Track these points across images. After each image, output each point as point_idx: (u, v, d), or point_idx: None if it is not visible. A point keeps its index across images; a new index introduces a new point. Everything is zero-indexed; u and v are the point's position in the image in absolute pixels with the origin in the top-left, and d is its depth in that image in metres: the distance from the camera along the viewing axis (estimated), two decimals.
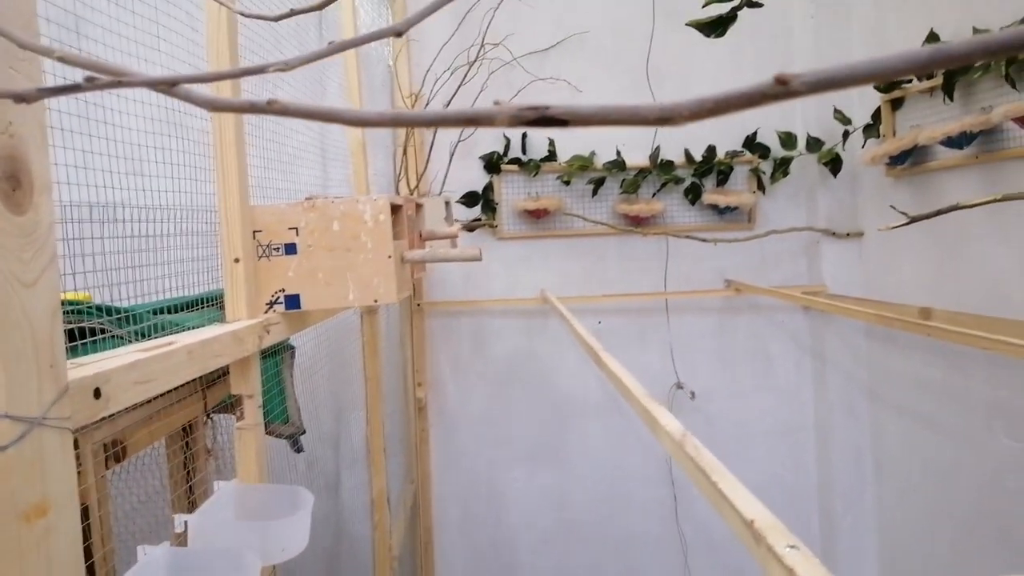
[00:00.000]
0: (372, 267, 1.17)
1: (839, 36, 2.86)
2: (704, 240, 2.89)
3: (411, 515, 2.86)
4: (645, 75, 2.94)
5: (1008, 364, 2.14)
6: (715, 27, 1.54)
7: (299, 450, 2.00)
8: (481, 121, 0.28)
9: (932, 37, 2.33)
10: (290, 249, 1.17)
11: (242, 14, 0.60)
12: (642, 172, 2.95)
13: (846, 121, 2.75)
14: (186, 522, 0.94)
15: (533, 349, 3.06)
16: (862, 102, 2.75)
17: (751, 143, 2.95)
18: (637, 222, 2.95)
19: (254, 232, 1.16)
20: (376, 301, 1.17)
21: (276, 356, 1.94)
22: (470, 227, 2.55)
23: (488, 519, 3.12)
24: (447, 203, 2.18)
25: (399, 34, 0.39)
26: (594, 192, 2.97)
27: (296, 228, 1.17)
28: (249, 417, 1.12)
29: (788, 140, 2.89)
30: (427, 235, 1.61)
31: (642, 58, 2.94)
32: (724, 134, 2.97)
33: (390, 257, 1.17)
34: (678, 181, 2.96)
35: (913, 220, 1.96)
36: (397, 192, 2.79)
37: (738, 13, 1.49)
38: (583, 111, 0.27)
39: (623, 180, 2.95)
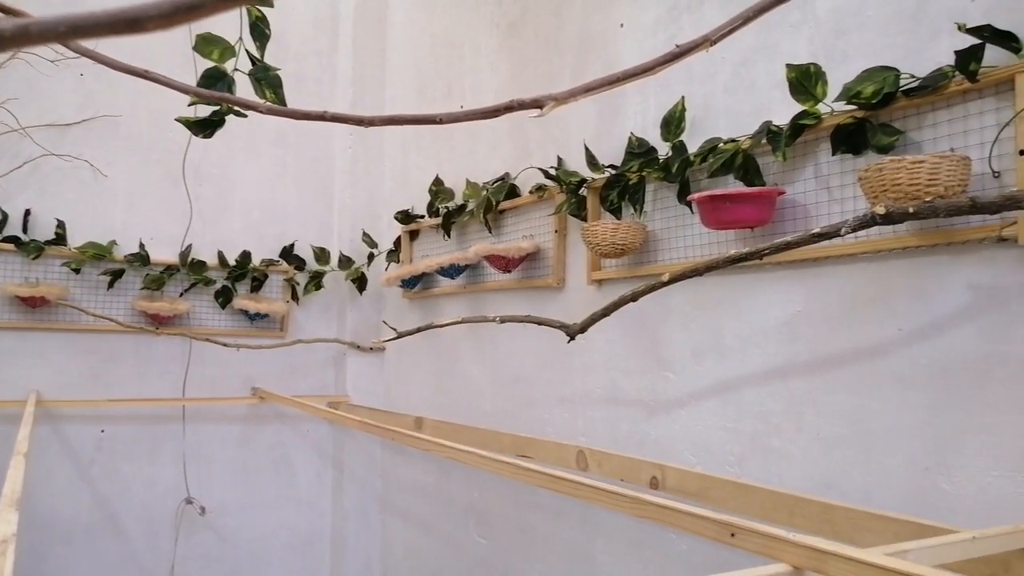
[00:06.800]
0: None
1: (373, 166, 3.16)
2: (226, 345, 2.80)
3: None
4: (182, 170, 2.85)
5: (477, 469, 2.43)
6: (204, 127, 1.55)
7: None
8: None
9: (437, 180, 2.70)
10: None
11: None
12: (169, 269, 2.79)
13: (373, 244, 2.99)
14: None
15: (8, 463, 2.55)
16: (390, 230, 3.04)
17: (288, 254, 3.02)
18: (159, 321, 2.75)
19: None
20: None
21: None
22: None
23: None
24: None
25: None
26: (110, 285, 2.70)
27: None
28: None
29: (322, 255, 3.03)
30: None
31: (181, 153, 2.85)
32: (262, 242, 3.00)
33: None
34: (208, 283, 2.86)
35: (399, 336, 2.17)
36: None
37: (226, 118, 1.52)
38: None
39: (146, 275, 2.75)
